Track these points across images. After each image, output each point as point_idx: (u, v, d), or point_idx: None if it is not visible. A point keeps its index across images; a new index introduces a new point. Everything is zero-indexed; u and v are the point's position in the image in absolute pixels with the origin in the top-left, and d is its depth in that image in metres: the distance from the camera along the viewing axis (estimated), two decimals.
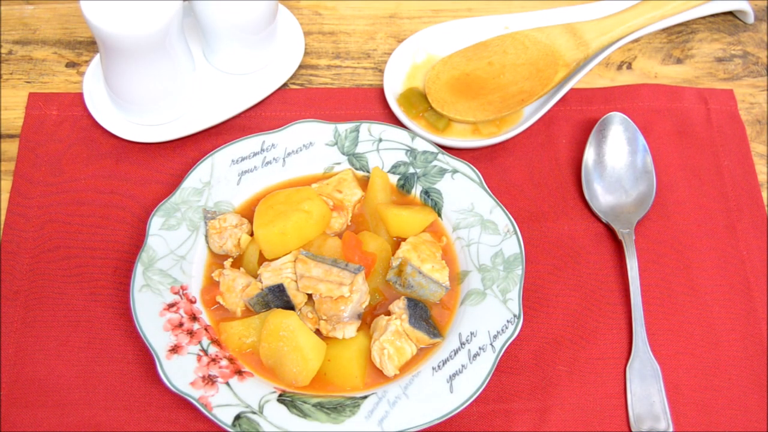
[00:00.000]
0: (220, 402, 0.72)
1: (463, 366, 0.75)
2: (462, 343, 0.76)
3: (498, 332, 0.76)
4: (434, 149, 0.87)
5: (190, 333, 0.76)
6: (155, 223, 0.81)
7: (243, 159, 0.86)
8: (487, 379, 0.74)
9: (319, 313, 0.77)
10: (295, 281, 0.77)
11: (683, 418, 0.77)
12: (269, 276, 0.78)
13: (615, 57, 1.01)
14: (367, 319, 0.79)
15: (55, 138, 0.91)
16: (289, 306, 0.77)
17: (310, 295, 0.78)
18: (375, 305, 0.80)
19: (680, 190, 0.90)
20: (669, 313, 0.82)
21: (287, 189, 0.83)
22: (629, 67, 1.00)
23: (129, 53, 0.80)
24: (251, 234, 0.82)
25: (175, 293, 0.79)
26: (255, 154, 0.86)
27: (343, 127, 0.88)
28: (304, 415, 0.73)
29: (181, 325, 0.77)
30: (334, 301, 0.76)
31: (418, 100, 0.92)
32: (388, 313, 0.78)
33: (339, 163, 0.87)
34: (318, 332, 0.77)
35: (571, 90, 0.95)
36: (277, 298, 0.77)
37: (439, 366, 0.75)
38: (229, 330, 0.77)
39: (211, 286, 0.80)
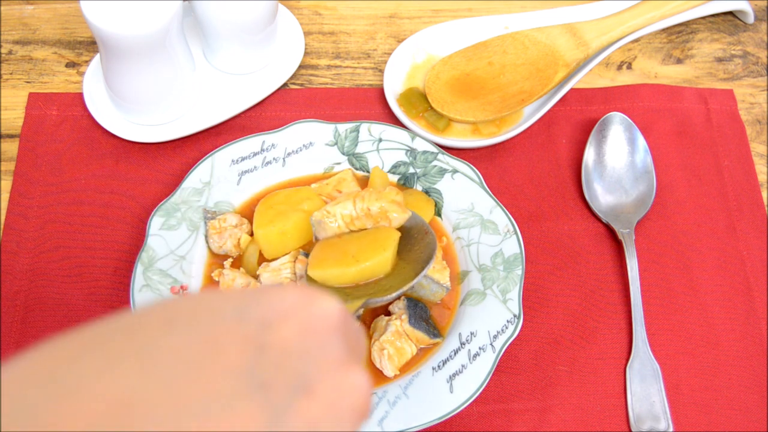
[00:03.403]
0: None
1: (463, 366, 0.75)
2: (462, 343, 0.76)
3: (498, 332, 0.76)
4: (434, 149, 0.87)
5: None
6: (155, 223, 0.81)
7: (243, 159, 0.86)
8: (487, 379, 0.74)
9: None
10: (295, 281, 0.77)
11: (683, 418, 0.77)
12: (268, 276, 0.78)
13: (615, 57, 1.01)
14: (366, 320, 0.79)
15: (55, 138, 0.91)
16: None
17: None
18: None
19: (680, 190, 0.90)
20: (669, 313, 0.82)
21: (287, 189, 0.84)
22: (629, 67, 1.00)
23: (129, 53, 0.80)
24: (251, 234, 0.82)
25: (175, 293, 0.79)
26: (255, 154, 0.86)
27: (343, 127, 0.88)
28: None
29: None
30: None
31: (418, 100, 0.92)
32: (388, 314, 0.78)
33: (339, 163, 0.88)
34: None
35: (571, 90, 0.95)
36: None
37: (439, 366, 0.75)
38: None
39: (211, 285, 0.80)
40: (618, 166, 0.89)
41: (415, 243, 0.75)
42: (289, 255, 0.79)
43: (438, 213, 0.85)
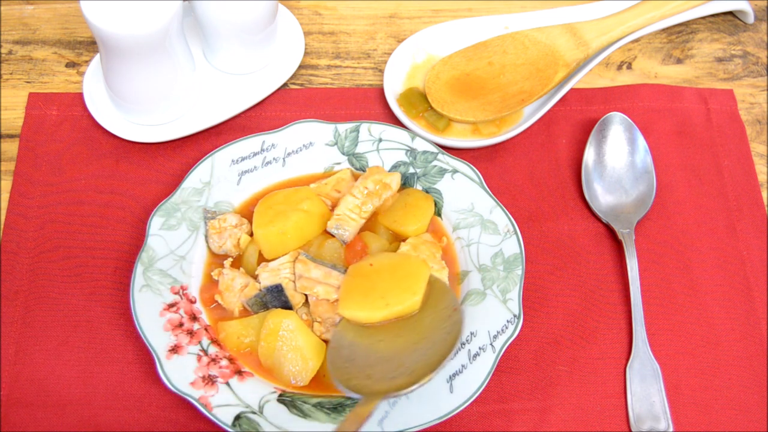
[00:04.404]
0: (220, 402, 0.72)
1: (463, 366, 0.75)
2: (462, 343, 0.76)
3: (498, 332, 0.76)
4: (434, 149, 0.87)
5: (190, 333, 0.76)
6: (155, 223, 0.81)
7: (243, 159, 0.86)
8: (487, 379, 0.74)
9: (314, 315, 0.77)
10: (293, 281, 0.77)
11: (683, 418, 0.77)
12: (267, 276, 0.78)
13: (615, 57, 1.01)
14: None
15: (55, 138, 0.91)
16: (287, 307, 0.77)
17: (305, 297, 0.78)
18: None
19: (680, 190, 0.90)
20: (669, 313, 0.82)
21: (286, 189, 0.84)
22: (629, 67, 1.00)
23: (129, 53, 0.80)
24: (251, 234, 0.82)
25: (175, 293, 0.79)
26: (255, 154, 0.86)
27: (343, 127, 0.88)
28: (304, 415, 0.73)
29: (181, 325, 0.77)
30: (330, 304, 0.76)
31: (418, 100, 0.92)
32: None
33: (339, 163, 0.88)
34: None
35: (571, 90, 0.95)
36: (275, 298, 0.77)
37: None
38: (228, 329, 0.77)
39: (211, 284, 0.80)
40: (618, 166, 0.89)
41: (442, 315, 0.74)
42: (288, 255, 0.79)
43: (438, 213, 0.85)
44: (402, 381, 0.68)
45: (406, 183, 0.87)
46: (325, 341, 0.76)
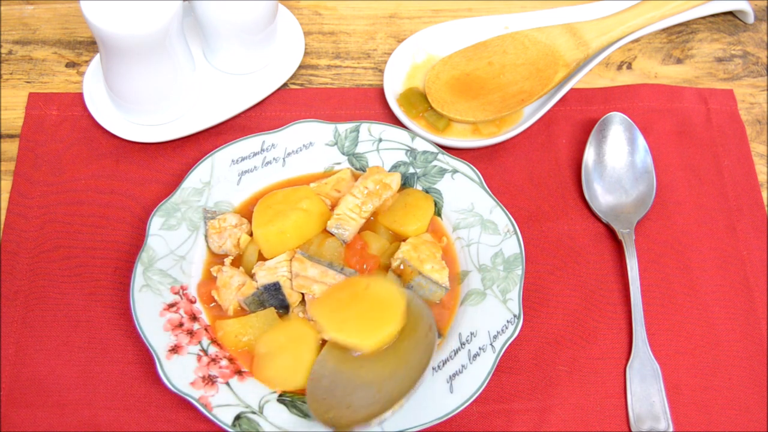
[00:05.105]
0: (220, 402, 0.72)
1: (463, 366, 0.75)
2: (462, 343, 0.76)
3: (498, 332, 0.76)
4: (434, 149, 0.87)
5: (190, 333, 0.76)
6: (155, 223, 0.81)
7: (243, 159, 0.86)
8: (487, 379, 0.74)
9: (311, 314, 0.77)
10: (290, 279, 0.77)
11: (683, 418, 0.77)
12: (264, 275, 0.78)
13: (615, 57, 1.01)
14: None
15: (55, 138, 0.91)
16: (284, 305, 0.78)
17: (302, 296, 0.78)
18: None
19: (680, 190, 0.90)
20: (669, 313, 0.82)
21: (285, 188, 0.84)
22: (629, 67, 1.00)
23: (129, 53, 0.80)
24: (251, 234, 0.82)
25: (175, 293, 0.79)
26: (255, 154, 0.86)
27: (343, 127, 0.88)
28: (304, 415, 0.73)
29: (181, 325, 0.77)
30: None
31: (418, 100, 0.92)
32: None
33: (339, 163, 0.88)
34: None
35: (571, 90, 0.95)
36: (273, 297, 0.77)
37: (439, 366, 0.75)
38: (226, 328, 0.77)
39: (209, 281, 0.80)
40: (618, 166, 0.89)
41: (420, 336, 0.73)
42: (285, 254, 0.79)
43: (438, 213, 0.85)
44: (378, 408, 0.68)
45: (406, 183, 0.87)
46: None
